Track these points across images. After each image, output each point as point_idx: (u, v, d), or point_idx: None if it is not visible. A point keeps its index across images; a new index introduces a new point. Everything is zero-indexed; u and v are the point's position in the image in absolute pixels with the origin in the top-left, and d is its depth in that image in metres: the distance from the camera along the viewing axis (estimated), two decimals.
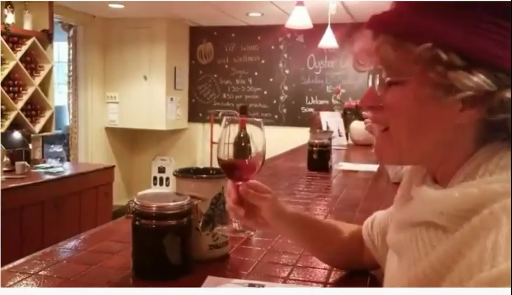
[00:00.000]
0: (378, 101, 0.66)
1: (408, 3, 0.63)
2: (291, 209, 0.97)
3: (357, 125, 4.10)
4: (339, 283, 1.03)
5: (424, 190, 0.65)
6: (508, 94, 0.56)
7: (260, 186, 0.93)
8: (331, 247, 1.01)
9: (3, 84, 4.24)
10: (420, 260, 0.61)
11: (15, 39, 4.38)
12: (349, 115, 4.37)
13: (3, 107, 4.26)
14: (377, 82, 0.67)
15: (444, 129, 0.62)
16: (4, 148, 3.71)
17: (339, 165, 2.76)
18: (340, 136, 3.97)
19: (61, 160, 4.15)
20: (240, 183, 0.91)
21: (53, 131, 4.90)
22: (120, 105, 6.15)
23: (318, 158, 2.49)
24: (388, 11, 0.65)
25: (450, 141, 0.62)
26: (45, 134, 4.76)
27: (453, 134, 0.62)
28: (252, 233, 1.03)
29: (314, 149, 2.50)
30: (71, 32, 5.76)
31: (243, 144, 0.91)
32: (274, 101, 6.23)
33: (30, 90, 4.52)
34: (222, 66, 6.40)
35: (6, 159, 3.74)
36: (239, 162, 0.91)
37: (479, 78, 0.56)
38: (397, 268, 0.70)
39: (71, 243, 1.22)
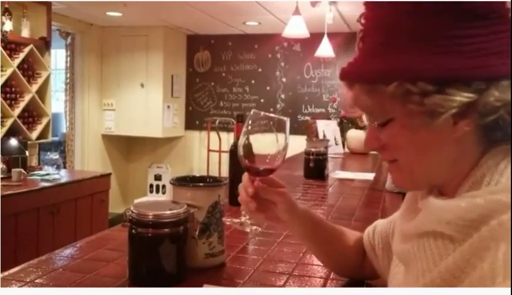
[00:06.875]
0: (380, 141, 0.68)
1: (368, 49, 0.65)
2: (303, 207, 0.96)
3: (354, 134, 4.12)
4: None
5: (430, 201, 0.65)
6: (490, 97, 0.58)
7: (275, 181, 0.92)
8: (335, 251, 0.99)
9: (0, 91, 4.24)
10: (428, 271, 0.61)
11: (12, 46, 4.39)
12: (346, 123, 4.39)
13: None
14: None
15: (446, 146, 0.63)
16: (0, 155, 3.70)
17: (335, 173, 2.77)
18: (336, 144, 3.98)
19: (58, 167, 4.12)
20: (256, 178, 0.90)
21: (50, 138, 4.90)
22: (117, 112, 6.15)
23: (314, 166, 2.50)
24: (353, 61, 0.67)
25: (455, 155, 0.63)
26: (41, 141, 4.75)
27: (455, 147, 0.63)
28: (259, 229, 1.00)
29: (311, 157, 2.51)
30: (69, 40, 5.76)
31: (264, 141, 0.90)
32: (271, 109, 6.24)
33: (27, 97, 4.52)
34: (219, 74, 6.42)
35: (2, 166, 3.73)
36: (259, 158, 0.89)
37: (455, 95, 0.57)
38: (404, 277, 0.70)
39: (67, 251, 1.22)
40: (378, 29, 0.63)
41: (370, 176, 2.69)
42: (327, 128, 4.07)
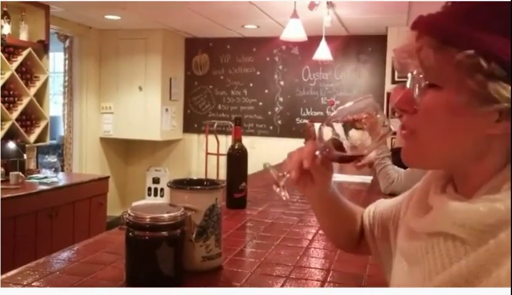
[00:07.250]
0: (413, 104, 0.64)
1: (456, 10, 0.62)
2: (330, 193, 0.90)
3: None
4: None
5: (446, 201, 0.63)
6: None
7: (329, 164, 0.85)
8: (342, 229, 0.96)
9: None
10: (436, 273, 0.60)
11: (11, 49, 4.39)
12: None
13: None
14: (417, 85, 0.64)
15: (475, 139, 0.60)
16: None
17: (333, 176, 2.77)
18: None
19: (56, 170, 4.12)
20: (317, 153, 0.80)
21: (48, 142, 4.89)
22: (115, 115, 6.15)
23: None
24: (435, 14, 0.63)
25: (481, 153, 0.60)
26: (39, 144, 4.75)
27: (484, 145, 0.60)
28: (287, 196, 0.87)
29: None
30: (67, 43, 5.77)
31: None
32: (269, 112, 6.25)
33: (25, 100, 4.51)
34: (217, 77, 6.42)
35: (0, 169, 3.73)
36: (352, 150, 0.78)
37: None
38: (407, 275, 0.68)
39: (65, 254, 1.22)
40: None
41: (368, 179, 2.70)
42: None
